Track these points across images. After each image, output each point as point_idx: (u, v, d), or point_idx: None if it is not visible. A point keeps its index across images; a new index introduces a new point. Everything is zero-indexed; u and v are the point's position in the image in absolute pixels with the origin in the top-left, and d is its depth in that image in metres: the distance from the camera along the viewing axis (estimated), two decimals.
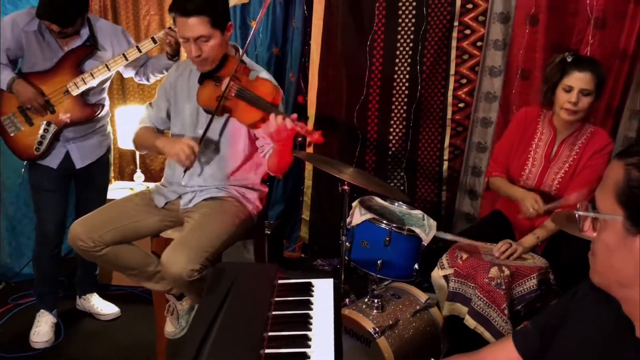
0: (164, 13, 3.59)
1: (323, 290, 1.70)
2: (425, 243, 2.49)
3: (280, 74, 3.57)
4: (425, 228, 2.56)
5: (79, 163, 2.79)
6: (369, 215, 2.52)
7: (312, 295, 1.67)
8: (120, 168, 3.87)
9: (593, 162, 2.46)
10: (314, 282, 1.74)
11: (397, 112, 3.37)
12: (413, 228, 2.50)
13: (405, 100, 3.33)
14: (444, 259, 2.42)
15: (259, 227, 2.63)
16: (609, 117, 2.91)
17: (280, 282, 1.73)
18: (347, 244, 2.55)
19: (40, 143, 2.64)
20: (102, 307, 3.09)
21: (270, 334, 1.46)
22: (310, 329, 1.50)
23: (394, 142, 3.41)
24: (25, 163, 2.74)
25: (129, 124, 3.43)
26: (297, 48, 3.50)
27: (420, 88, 3.26)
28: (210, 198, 2.39)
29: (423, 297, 2.40)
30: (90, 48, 2.64)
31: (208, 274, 2.06)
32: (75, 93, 2.61)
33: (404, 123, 3.36)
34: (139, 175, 3.48)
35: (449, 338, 2.36)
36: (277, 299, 1.63)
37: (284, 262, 3.66)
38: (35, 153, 2.65)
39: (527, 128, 2.61)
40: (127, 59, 2.61)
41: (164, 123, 2.54)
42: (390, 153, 3.44)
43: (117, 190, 3.40)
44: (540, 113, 2.60)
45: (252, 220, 2.45)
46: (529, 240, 2.44)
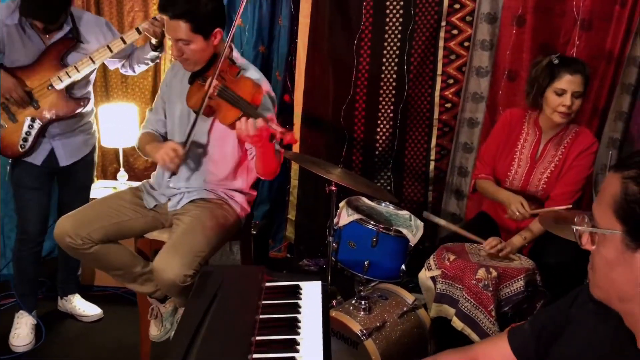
0: (149, 9, 3.54)
1: (311, 293, 1.69)
2: (413, 244, 2.48)
3: (267, 73, 3.53)
4: (413, 229, 2.55)
5: (64, 161, 2.73)
6: (356, 216, 2.50)
7: (300, 299, 1.65)
8: (103, 167, 3.82)
9: (578, 162, 2.48)
10: (302, 284, 1.72)
11: (384, 111, 3.35)
12: (400, 229, 2.49)
13: (393, 100, 3.32)
14: (431, 260, 2.42)
15: (245, 228, 2.61)
16: (595, 118, 2.93)
17: (268, 284, 1.71)
18: (334, 245, 2.53)
19: (26, 140, 2.58)
20: (84, 308, 3.03)
21: (258, 339, 1.44)
22: (299, 333, 1.48)
23: (381, 142, 3.40)
24: (10, 160, 2.68)
25: (112, 122, 3.39)
26: (283, 46, 3.47)
27: (408, 88, 3.26)
28: (199, 199, 2.35)
29: (410, 298, 2.39)
30: (73, 41, 2.58)
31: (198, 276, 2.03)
32: (60, 87, 2.56)
33: (391, 123, 3.35)
34: (122, 174, 3.43)
35: (436, 339, 2.36)
36: (264, 302, 1.60)
37: (270, 262, 3.63)
38: (20, 150, 2.59)
39: (512, 129, 2.62)
40: (111, 51, 2.56)
41: (164, 126, 2.49)
42: (377, 153, 3.43)
43: (99, 190, 3.33)
44: (526, 114, 2.61)
45: (240, 223, 2.43)
46: (517, 241, 2.45)
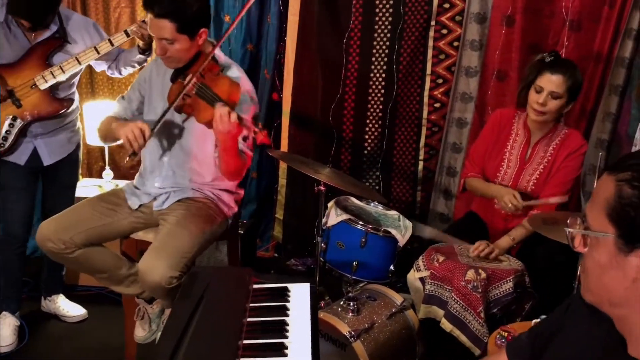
0: (135, 5, 3.49)
1: (299, 295, 1.67)
2: (401, 244, 2.47)
3: (255, 71, 3.51)
4: (401, 229, 2.55)
5: (47, 159, 2.69)
6: (345, 216, 2.49)
7: (288, 301, 1.63)
8: (89, 165, 3.76)
9: (567, 163, 2.48)
10: (290, 286, 1.71)
11: (373, 111, 3.34)
12: (389, 229, 2.48)
13: (382, 100, 3.30)
14: (420, 261, 2.41)
15: (232, 228, 2.58)
16: (583, 119, 2.94)
17: (256, 286, 1.69)
18: (322, 245, 2.52)
19: (5, 138, 2.53)
20: (68, 308, 2.98)
21: (245, 342, 1.42)
22: (287, 336, 1.47)
23: (370, 141, 3.39)
24: None
25: (98, 120, 3.33)
26: (272, 44, 3.44)
27: (397, 87, 3.24)
28: (185, 198, 2.32)
29: (398, 299, 2.38)
30: (60, 41, 2.54)
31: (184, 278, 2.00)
32: (44, 87, 2.52)
33: (380, 122, 3.34)
34: (108, 173, 3.38)
35: (425, 341, 2.35)
36: (252, 305, 1.59)
37: (257, 261, 3.60)
38: (0, 149, 2.54)
39: (502, 129, 2.62)
40: (98, 52, 2.53)
41: (134, 116, 2.44)
42: (366, 152, 3.41)
43: (85, 188, 3.29)
44: (515, 114, 2.61)
45: (227, 223, 2.40)
46: (505, 242, 2.45)
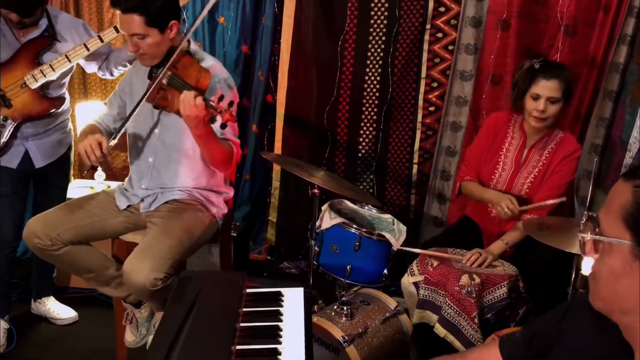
0: None
1: (293, 300, 1.65)
2: (395, 248, 2.46)
3: (250, 73, 3.49)
4: (395, 233, 2.53)
5: (39, 162, 2.65)
6: (339, 220, 2.47)
7: (281, 306, 1.61)
8: (80, 166, 3.73)
9: (562, 167, 2.49)
10: (284, 291, 1.69)
11: (367, 114, 3.33)
12: (383, 233, 2.47)
13: (376, 103, 3.30)
14: (414, 266, 2.40)
15: (225, 230, 2.56)
16: (577, 123, 2.94)
17: (249, 291, 1.67)
18: (316, 248, 2.50)
19: None
20: (58, 311, 2.95)
21: (238, 348, 1.40)
22: (280, 342, 1.45)
23: (364, 144, 3.38)
24: None
25: (90, 120, 3.30)
26: (266, 46, 3.43)
27: (391, 90, 3.24)
28: (173, 200, 2.30)
29: (392, 303, 2.36)
30: (49, 39, 2.52)
31: (173, 282, 1.98)
32: (34, 86, 2.49)
33: (374, 125, 3.33)
34: (100, 174, 3.35)
35: (418, 346, 2.34)
36: (245, 310, 1.57)
37: (250, 264, 3.58)
38: None
39: (497, 133, 2.62)
40: (88, 49, 2.50)
41: (115, 121, 2.44)
42: (360, 155, 3.40)
43: (76, 189, 3.26)
44: (511, 118, 2.61)
45: (217, 225, 2.38)
46: (498, 247, 2.44)
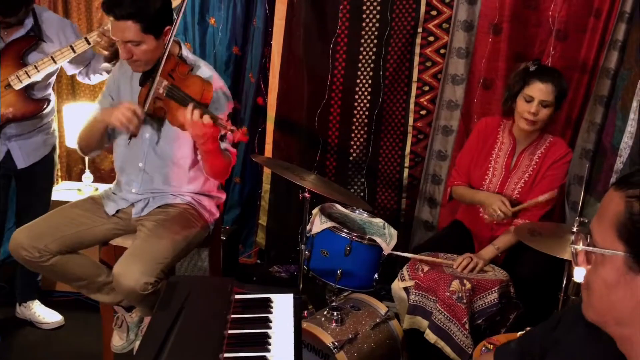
0: None
1: (282, 306, 1.63)
2: (386, 253, 2.44)
3: (240, 75, 3.47)
4: (386, 237, 2.51)
5: (21, 162, 2.61)
6: (330, 224, 2.45)
7: (270, 312, 1.59)
8: (68, 167, 3.68)
9: (552, 171, 2.49)
10: (273, 297, 1.67)
11: (358, 117, 3.31)
12: (374, 237, 2.45)
13: (367, 106, 3.28)
14: (405, 271, 2.38)
15: (215, 234, 2.53)
16: (568, 128, 2.95)
17: (237, 297, 1.65)
18: (306, 253, 2.48)
19: None
20: (44, 315, 2.90)
21: (227, 355, 1.38)
22: (269, 350, 1.43)
23: (355, 147, 3.36)
24: None
25: (78, 122, 3.26)
26: (257, 48, 3.40)
27: (383, 94, 3.22)
28: (164, 204, 2.27)
29: (383, 309, 2.35)
30: (35, 39, 2.48)
31: (163, 287, 1.95)
32: (18, 87, 2.45)
33: (366, 129, 3.32)
34: (88, 176, 3.31)
35: (409, 352, 2.32)
36: (233, 317, 1.54)
37: (240, 268, 3.55)
38: None
39: (487, 138, 2.62)
40: (74, 51, 2.46)
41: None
42: (351, 159, 3.39)
43: (64, 191, 3.22)
44: (501, 123, 2.61)
45: (208, 229, 2.35)
46: (489, 252, 2.43)
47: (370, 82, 3.24)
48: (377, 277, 2.45)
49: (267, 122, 3.47)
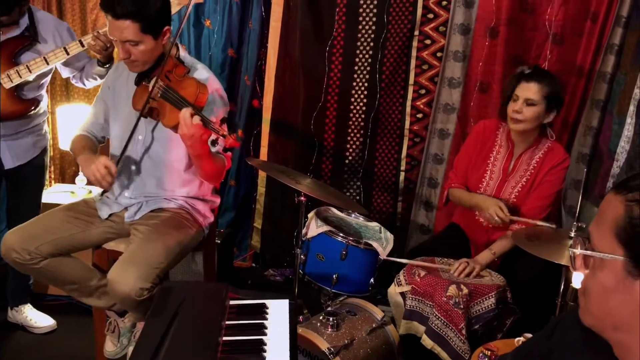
0: None
1: (278, 312, 1.61)
2: (383, 257, 2.42)
3: (236, 77, 3.45)
4: (383, 241, 2.50)
5: (9, 163, 2.58)
6: (326, 228, 2.43)
7: (266, 319, 1.57)
8: (61, 170, 3.65)
9: (550, 177, 2.48)
10: (268, 303, 1.64)
11: (354, 120, 3.30)
12: (370, 242, 2.43)
13: (364, 109, 3.27)
14: (401, 276, 2.36)
15: (210, 238, 2.50)
16: (565, 132, 2.94)
17: (232, 303, 1.62)
18: (301, 257, 2.46)
19: None
20: (36, 319, 2.87)
21: None
22: (264, 357, 1.41)
23: (351, 150, 3.35)
24: None
25: (71, 124, 3.24)
26: (253, 50, 3.38)
27: (379, 97, 3.21)
28: (159, 209, 2.24)
29: (379, 314, 2.33)
30: (29, 39, 2.45)
31: (158, 292, 1.93)
32: (8, 86, 2.42)
33: (362, 132, 3.30)
34: (81, 178, 3.27)
35: (405, 357, 2.31)
36: (228, 323, 1.52)
37: (234, 271, 3.52)
38: None
39: (485, 141, 2.61)
40: (68, 53, 2.43)
41: (102, 130, 2.38)
42: (347, 162, 3.37)
43: (57, 194, 3.19)
44: (500, 126, 2.61)
45: (203, 233, 2.32)
46: (485, 257, 2.42)
47: (367, 85, 3.23)
48: (373, 281, 2.44)
49: (262, 124, 3.45)
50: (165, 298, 1.57)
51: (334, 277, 2.37)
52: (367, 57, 3.19)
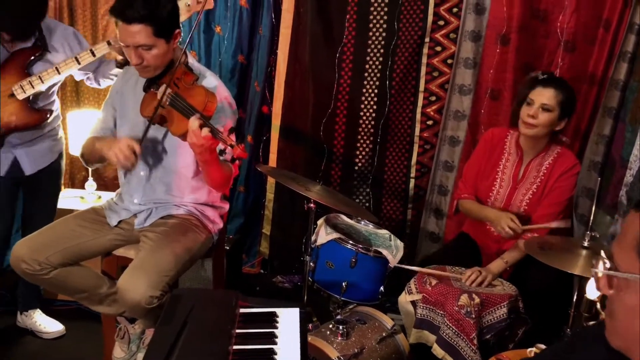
0: None
1: (288, 321, 1.60)
2: (392, 265, 2.41)
3: (246, 83, 3.45)
4: (392, 249, 2.48)
5: (29, 169, 2.59)
6: (335, 235, 2.42)
7: (276, 327, 1.56)
8: (71, 175, 3.66)
9: (560, 183, 2.46)
10: (279, 311, 1.63)
11: (364, 127, 3.29)
12: (380, 249, 2.42)
13: (374, 116, 3.26)
14: (412, 284, 2.35)
15: (219, 244, 2.50)
16: (577, 140, 2.91)
17: (242, 311, 1.62)
18: (310, 264, 2.44)
19: None
20: (45, 324, 2.87)
21: None
22: None
23: (361, 157, 3.34)
24: None
25: (82, 129, 3.24)
26: (263, 57, 3.38)
27: (389, 104, 3.20)
28: (168, 215, 2.24)
29: (389, 322, 2.31)
30: (40, 50, 2.46)
31: (168, 300, 1.92)
32: (22, 97, 2.43)
33: (371, 139, 3.29)
34: (91, 184, 3.28)
35: None
36: (238, 331, 1.51)
37: (243, 278, 3.51)
38: None
39: (494, 148, 2.59)
40: (79, 63, 2.44)
41: (112, 134, 2.38)
42: (357, 169, 3.36)
43: (67, 199, 3.19)
44: (508, 134, 2.59)
45: (212, 240, 2.32)
46: (498, 266, 2.39)
47: (377, 91, 3.22)
48: (382, 289, 2.42)
49: (272, 131, 3.44)
50: (175, 306, 1.57)
51: (344, 284, 2.36)
52: (377, 63, 3.19)
